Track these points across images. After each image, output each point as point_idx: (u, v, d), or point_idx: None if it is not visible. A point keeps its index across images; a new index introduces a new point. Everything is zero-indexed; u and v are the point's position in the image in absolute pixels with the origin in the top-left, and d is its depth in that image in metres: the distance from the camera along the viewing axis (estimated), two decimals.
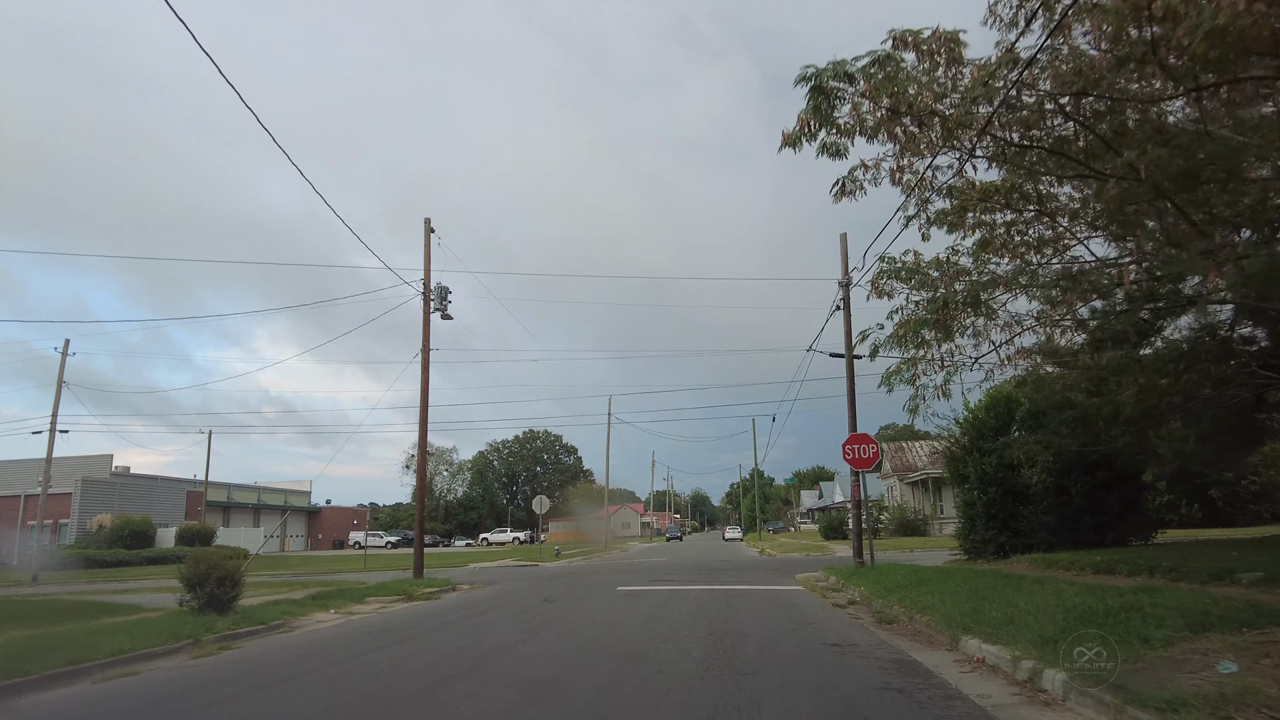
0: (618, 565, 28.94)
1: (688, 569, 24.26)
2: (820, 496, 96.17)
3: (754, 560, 30.49)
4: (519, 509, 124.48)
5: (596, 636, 9.93)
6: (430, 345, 23.95)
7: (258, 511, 72.04)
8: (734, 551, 42.30)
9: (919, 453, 55.51)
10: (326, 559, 46.06)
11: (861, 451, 17.84)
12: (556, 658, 8.33)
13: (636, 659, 7.93)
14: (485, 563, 33.73)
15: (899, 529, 47.11)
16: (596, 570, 25.79)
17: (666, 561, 30.50)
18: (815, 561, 26.90)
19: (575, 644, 9.26)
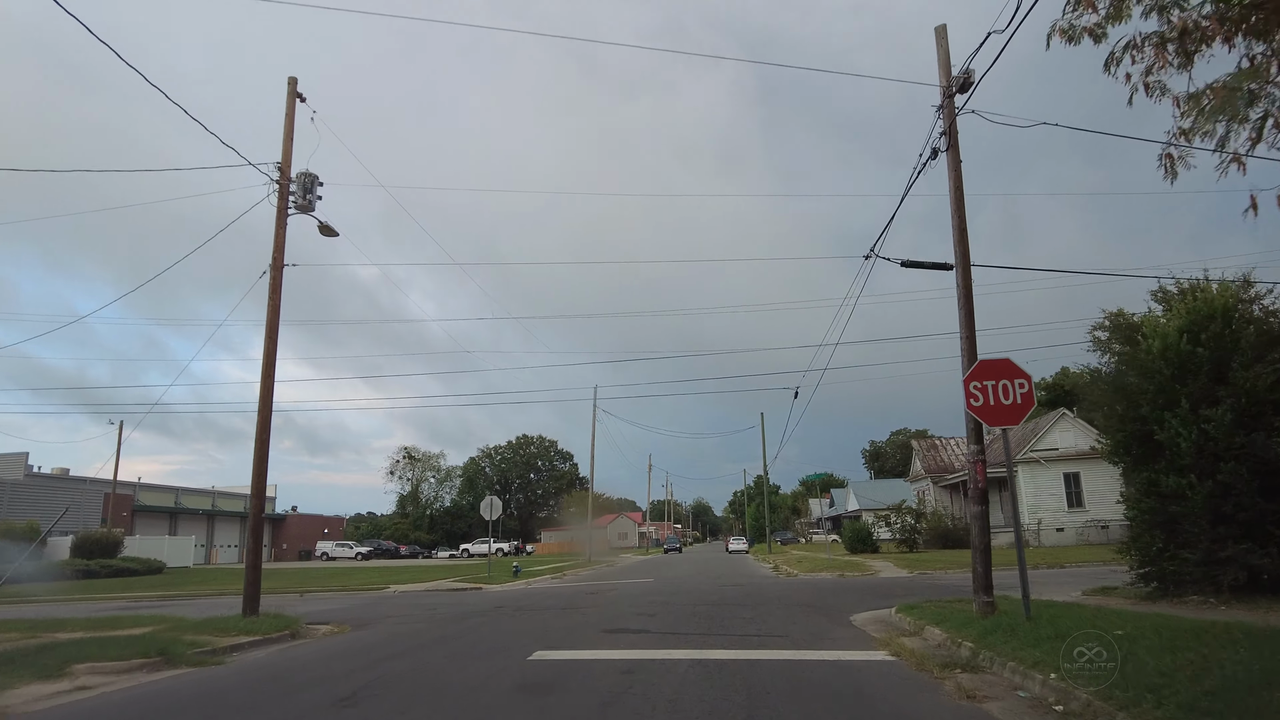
0: (583, 591, 20.27)
1: (679, 601, 15.62)
2: (831, 505, 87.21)
3: (770, 583, 21.80)
4: (511, 518, 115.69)
5: None
6: (285, 260, 15.50)
7: (212, 518, 63.50)
8: (741, 568, 33.54)
9: (956, 452, 46.73)
10: (229, 575, 37.21)
11: (1000, 393, 9.11)
12: None
13: None
14: (416, 584, 25.11)
15: (937, 539, 38.37)
16: (545, 603, 17.14)
17: (653, 586, 21.81)
18: (859, 587, 18.27)
19: None
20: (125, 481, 54.94)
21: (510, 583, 25.18)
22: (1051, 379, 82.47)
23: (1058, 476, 37.91)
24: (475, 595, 20.66)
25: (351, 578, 29.91)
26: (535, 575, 28.93)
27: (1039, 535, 37.14)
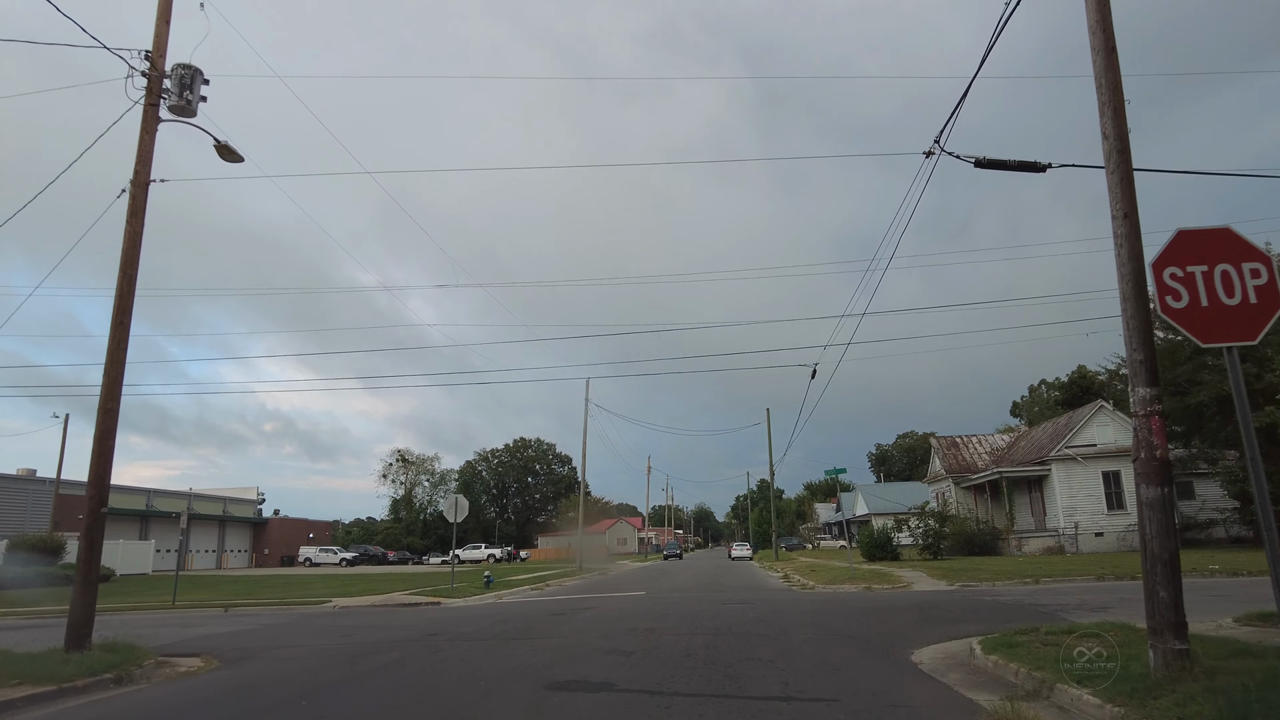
0: (552, 611, 16.30)
1: (670, 628, 11.68)
2: (838, 510, 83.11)
3: (785, 598, 17.80)
4: (508, 523, 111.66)
5: None
6: (153, 175, 11.64)
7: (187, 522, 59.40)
8: (747, 578, 29.52)
9: (979, 450, 42.71)
10: (188, 584, 33.31)
11: (1220, 285, 5.12)
12: None
13: None
14: (366, 598, 21.17)
15: (961, 545, 34.36)
16: (496, 628, 13.19)
17: (641, 603, 17.85)
18: (898, 605, 14.27)
19: None
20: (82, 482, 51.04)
21: (477, 596, 21.22)
22: (1068, 377, 78.45)
23: (1096, 476, 33.88)
24: (422, 614, 16.70)
25: (303, 588, 25.99)
26: (512, 586, 24.95)
27: (1076, 540, 33.08)
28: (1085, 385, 75.61)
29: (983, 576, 20.07)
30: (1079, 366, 77.20)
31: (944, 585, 19.18)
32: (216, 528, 63.10)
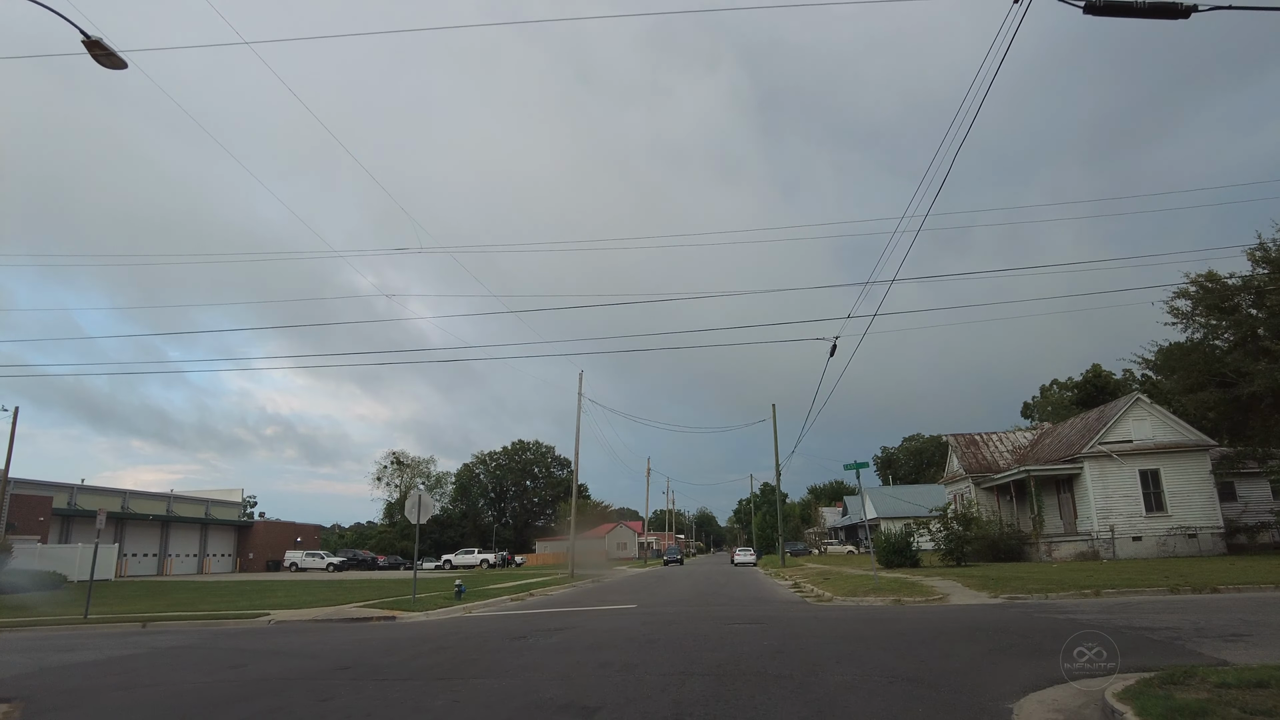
0: (514, 633, 13.21)
1: (656, 664, 8.60)
2: (844, 513, 79.82)
3: (801, 615, 14.72)
4: (506, 527, 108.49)
5: None
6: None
7: (166, 525, 56.53)
8: (753, 587, 26.44)
9: (999, 448, 39.55)
10: (152, 590, 30.15)
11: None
12: None
13: None
14: (315, 610, 18.11)
15: (985, 551, 31.25)
16: (432, 659, 10.15)
17: (627, 622, 14.79)
18: (950, 628, 11.13)
19: None
20: (55, 483, 48.16)
21: (442, 609, 18.13)
22: (1082, 376, 75.21)
23: (1133, 474, 30.73)
24: (360, 633, 13.63)
25: (259, 596, 22.93)
26: (488, 596, 21.85)
27: (1113, 545, 29.91)
28: (1100, 385, 72.38)
29: (1029, 587, 16.95)
30: (1093, 365, 73.97)
31: (986, 598, 16.09)
32: (198, 531, 60.07)
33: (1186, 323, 29.70)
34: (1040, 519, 32.02)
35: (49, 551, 36.18)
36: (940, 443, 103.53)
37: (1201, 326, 29.99)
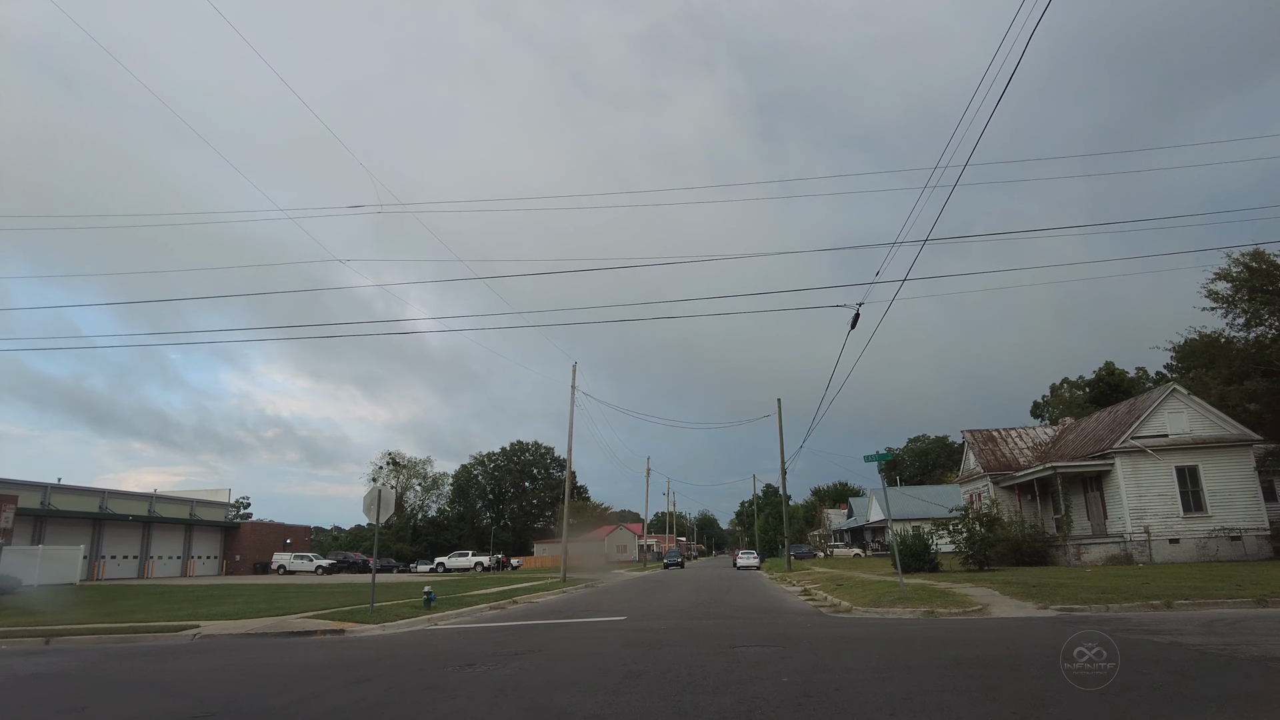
0: (468, 658, 10.67)
1: (638, 712, 6.06)
2: (850, 515, 77.15)
3: (818, 630, 12.20)
4: (505, 529, 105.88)
5: None
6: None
7: (148, 526, 54.08)
8: (759, 594, 23.93)
9: (1019, 445, 36.97)
10: (118, 595, 27.55)
11: None
12: None
13: None
14: (254, 621, 15.61)
15: (1008, 554, 28.70)
16: (346, 699, 7.59)
17: (616, 636, 12.31)
18: (1019, 650, 8.51)
19: None
20: (26, 482, 45.73)
21: (403, 620, 15.61)
22: (1094, 374, 72.56)
23: (1169, 471, 28.14)
24: (282, 654, 11.11)
25: (210, 603, 20.42)
26: (463, 605, 19.33)
27: (1149, 548, 27.31)
28: (1114, 382, 69.74)
29: (1080, 596, 14.40)
30: (1106, 363, 71.40)
31: (1034, 609, 13.56)
32: (182, 532, 57.61)
33: (1228, 308, 27.19)
34: (1068, 520, 29.44)
35: (7, 554, 33.68)
36: (946, 444, 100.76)
37: (1244, 311, 27.49)
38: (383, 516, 16.46)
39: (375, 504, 16.42)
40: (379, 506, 16.42)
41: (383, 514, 16.44)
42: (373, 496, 16.49)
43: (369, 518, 16.51)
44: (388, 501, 16.49)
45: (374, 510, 16.43)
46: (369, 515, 16.51)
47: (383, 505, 16.46)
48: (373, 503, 16.46)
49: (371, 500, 16.48)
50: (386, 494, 16.51)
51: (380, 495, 16.45)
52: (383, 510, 16.46)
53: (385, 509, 16.48)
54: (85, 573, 48.45)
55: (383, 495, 16.47)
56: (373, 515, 16.44)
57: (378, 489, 16.51)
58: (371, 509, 16.46)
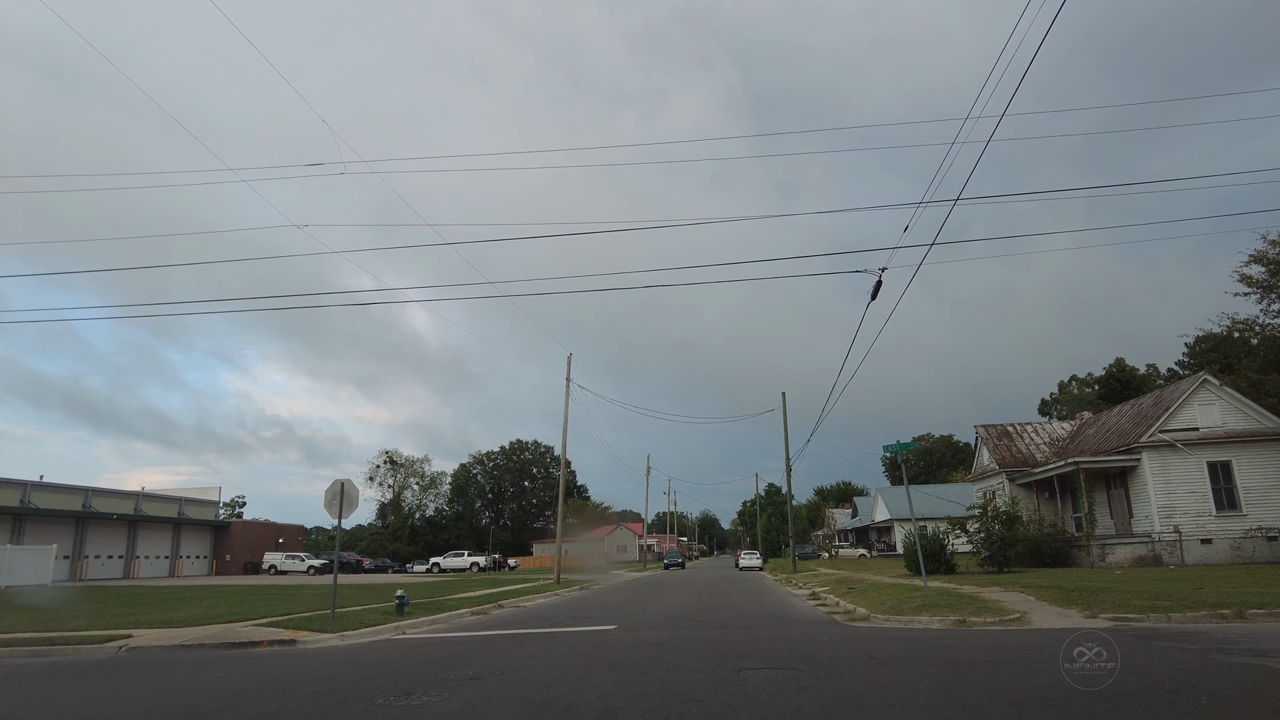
0: (406, 686, 8.84)
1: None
2: (854, 515, 75.22)
3: (839, 646, 10.36)
4: (504, 529, 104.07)
5: None
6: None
7: (134, 525, 52.34)
8: (764, 598, 22.11)
9: (1035, 440, 35.08)
10: (88, 597, 25.70)
11: None
12: None
13: None
14: (200, 630, 13.79)
15: (1028, 555, 26.86)
16: None
17: (599, 653, 10.51)
18: (1113, 685, 6.71)
19: None
20: (5, 479, 44.02)
21: (366, 629, 13.79)
22: (1104, 371, 70.58)
23: (1200, 467, 26.25)
24: (208, 671, 9.28)
25: (155, 610, 18.59)
26: (444, 610, 17.51)
27: (1179, 549, 25.42)
28: (1125, 379, 67.74)
29: (1131, 603, 12.55)
30: (1117, 359, 69.43)
31: (1080, 618, 11.73)
32: (170, 531, 55.85)
33: (1263, 293, 25.31)
34: (1091, 518, 27.56)
35: None
36: (951, 442, 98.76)
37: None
38: (346, 513, 14.65)
39: (337, 499, 14.61)
40: (341, 502, 14.61)
41: (346, 510, 14.63)
42: (334, 491, 14.68)
43: (330, 515, 14.70)
44: (351, 497, 14.68)
45: (335, 506, 14.62)
46: (330, 512, 14.70)
47: (346, 501, 14.64)
48: (334, 497, 14.65)
49: (333, 495, 14.66)
50: (350, 489, 14.70)
51: (343, 490, 14.64)
52: (346, 506, 14.65)
53: (349, 505, 14.67)
54: (69, 573, 46.83)
55: (345, 490, 14.65)
56: (334, 512, 14.63)
57: (339, 483, 14.70)
58: (333, 504, 14.65)
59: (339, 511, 14.59)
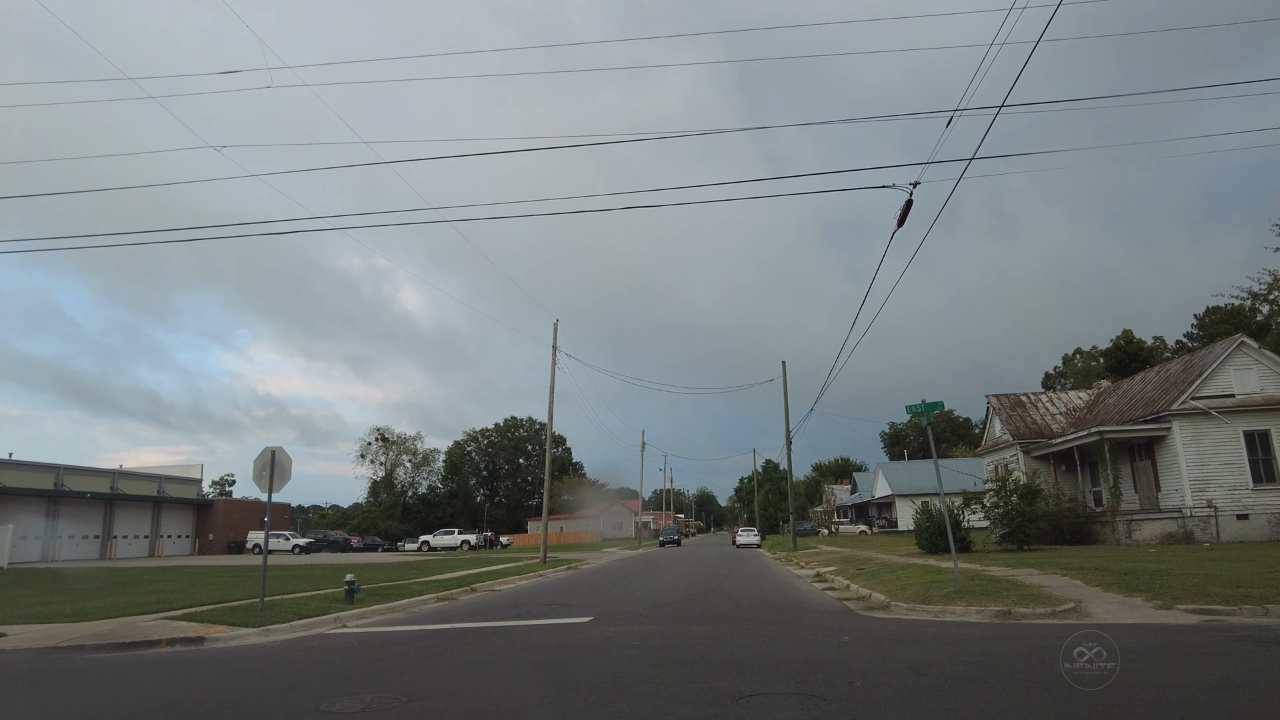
0: (296, 709, 6.52)
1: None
2: (854, 491, 73.43)
3: (862, 651, 8.20)
4: (499, 506, 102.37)
5: None
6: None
7: (110, 504, 50.25)
8: (764, 580, 20.04)
9: (1050, 410, 32.93)
10: (39, 581, 23.54)
11: None
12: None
13: None
14: (100, 624, 11.58)
15: (1048, 531, 24.83)
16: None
17: (566, 650, 8.31)
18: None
19: None
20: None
21: (306, 619, 11.61)
22: (1111, 343, 68.42)
23: (1235, 437, 24.12)
24: (34, 689, 7.08)
25: (68, 598, 16.44)
26: (406, 595, 15.37)
27: (1214, 525, 23.38)
28: (1132, 351, 65.57)
29: (1208, 590, 10.41)
30: (1125, 331, 67.23)
31: (1152, 610, 9.59)
32: (150, 510, 53.79)
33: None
34: (1117, 492, 25.47)
35: None
36: (951, 418, 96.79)
37: None
38: (278, 484, 12.41)
39: (267, 469, 12.37)
40: (272, 472, 12.36)
41: (278, 481, 12.39)
42: (263, 460, 12.43)
43: (259, 486, 12.46)
44: (283, 467, 12.42)
45: (265, 478, 12.37)
46: (259, 484, 12.46)
47: (277, 471, 12.39)
48: (264, 467, 12.40)
49: (263, 465, 12.42)
50: (281, 457, 12.44)
51: (273, 459, 12.38)
52: (278, 477, 12.40)
53: (280, 476, 12.42)
54: (40, 554, 44.83)
55: (276, 459, 12.40)
56: (264, 484, 12.39)
57: (269, 451, 12.45)
58: (263, 476, 12.41)
59: (269, 483, 12.35)
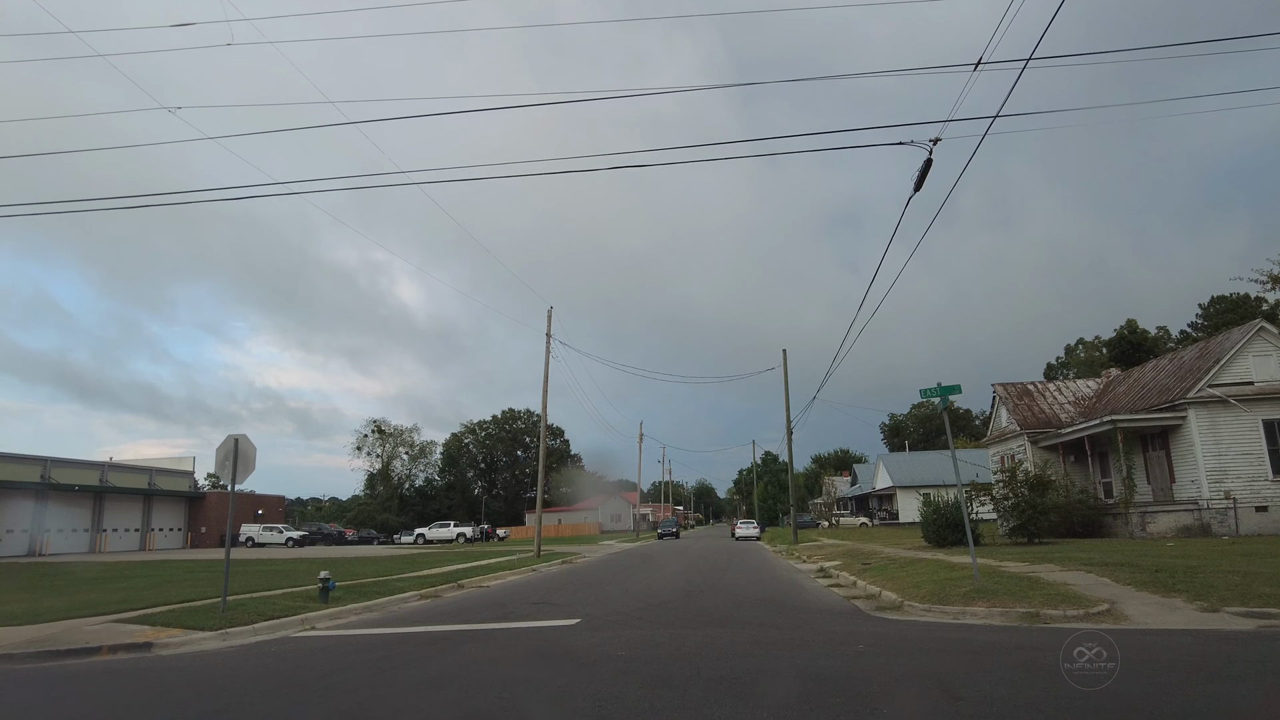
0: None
1: None
2: (854, 483, 72.67)
3: (884, 664, 7.25)
4: (497, 499, 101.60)
5: None
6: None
7: (99, 496, 49.36)
8: (765, 576, 19.12)
9: (1058, 399, 31.98)
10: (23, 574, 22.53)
11: None
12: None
13: None
14: (45, 626, 10.61)
15: (1059, 524, 23.93)
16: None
17: (539, 664, 7.37)
18: None
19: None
20: None
21: (272, 620, 10.68)
22: (1116, 332, 67.49)
23: (1254, 426, 23.19)
24: None
25: (25, 596, 15.51)
26: (387, 593, 14.43)
27: (1233, 517, 22.48)
28: (1136, 341, 64.58)
29: (1254, 590, 9.49)
30: (1128, 321, 66.23)
31: (1195, 612, 8.67)
32: (140, 503, 52.92)
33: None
34: (1131, 483, 24.56)
35: None
36: (951, 409, 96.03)
37: None
38: (241, 474, 11.45)
39: (230, 458, 11.40)
40: (235, 462, 11.39)
41: (241, 471, 11.43)
42: (226, 448, 11.46)
43: (222, 476, 11.51)
44: (246, 456, 11.46)
45: (228, 468, 11.41)
46: (222, 474, 11.52)
47: (240, 461, 11.42)
48: (226, 456, 11.44)
49: (225, 454, 11.45)
50: (245, 445, 11.48)
51: (236, 447, 11.41)
52: (241, 467, 11.43)
53: (244, 466, 11.45)
54: (26, 548, 43.99)
55: (240, 447, 11.43)
56: (227, 473, 11.44)
57: (233, 439, 11.47)
58: (225, 466, 11.44)
59: (232, 473, 11.38)
